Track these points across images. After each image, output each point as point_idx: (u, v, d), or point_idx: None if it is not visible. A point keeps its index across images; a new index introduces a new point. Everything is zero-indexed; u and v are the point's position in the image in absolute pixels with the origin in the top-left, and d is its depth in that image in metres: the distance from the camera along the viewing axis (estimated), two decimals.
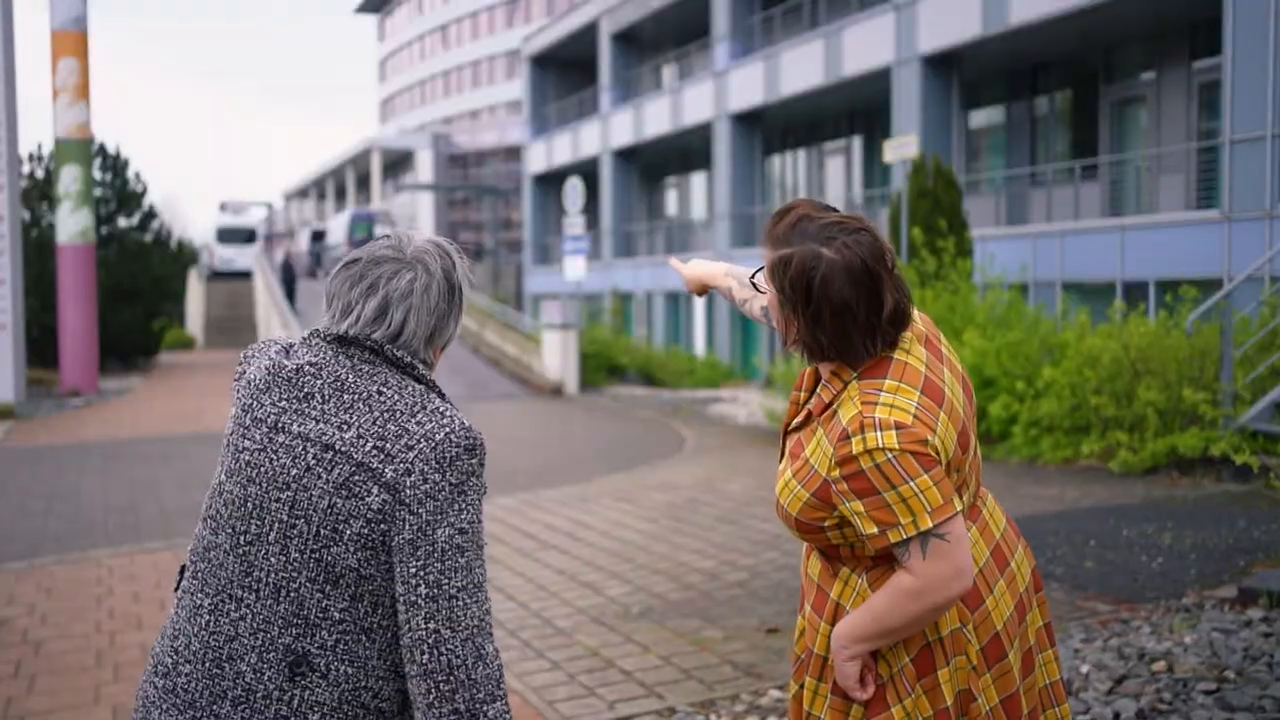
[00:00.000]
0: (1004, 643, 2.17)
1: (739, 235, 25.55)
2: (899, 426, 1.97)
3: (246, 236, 43.25)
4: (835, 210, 2.14)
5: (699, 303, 26.84)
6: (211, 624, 1.76)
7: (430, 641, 1.66)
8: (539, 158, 36.11)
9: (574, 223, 20.14)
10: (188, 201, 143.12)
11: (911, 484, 1.96)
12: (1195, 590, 5.34)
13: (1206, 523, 6.67)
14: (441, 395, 1.81)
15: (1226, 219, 13.79)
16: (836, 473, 2.02)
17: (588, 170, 33.03)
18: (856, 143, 24.91)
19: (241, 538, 1.75)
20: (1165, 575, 5.62)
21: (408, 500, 1.67)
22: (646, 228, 31.89)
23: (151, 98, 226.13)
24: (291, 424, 1.75)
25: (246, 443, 1.78)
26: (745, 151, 25.94)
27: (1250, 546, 6.08)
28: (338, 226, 48.11)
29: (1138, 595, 5.37)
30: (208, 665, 1.75)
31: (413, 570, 1.67)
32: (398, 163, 64.57)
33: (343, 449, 1.70)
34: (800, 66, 22.64)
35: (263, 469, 1.75)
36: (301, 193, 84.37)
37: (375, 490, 1.68)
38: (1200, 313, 8.90)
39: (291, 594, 1.72)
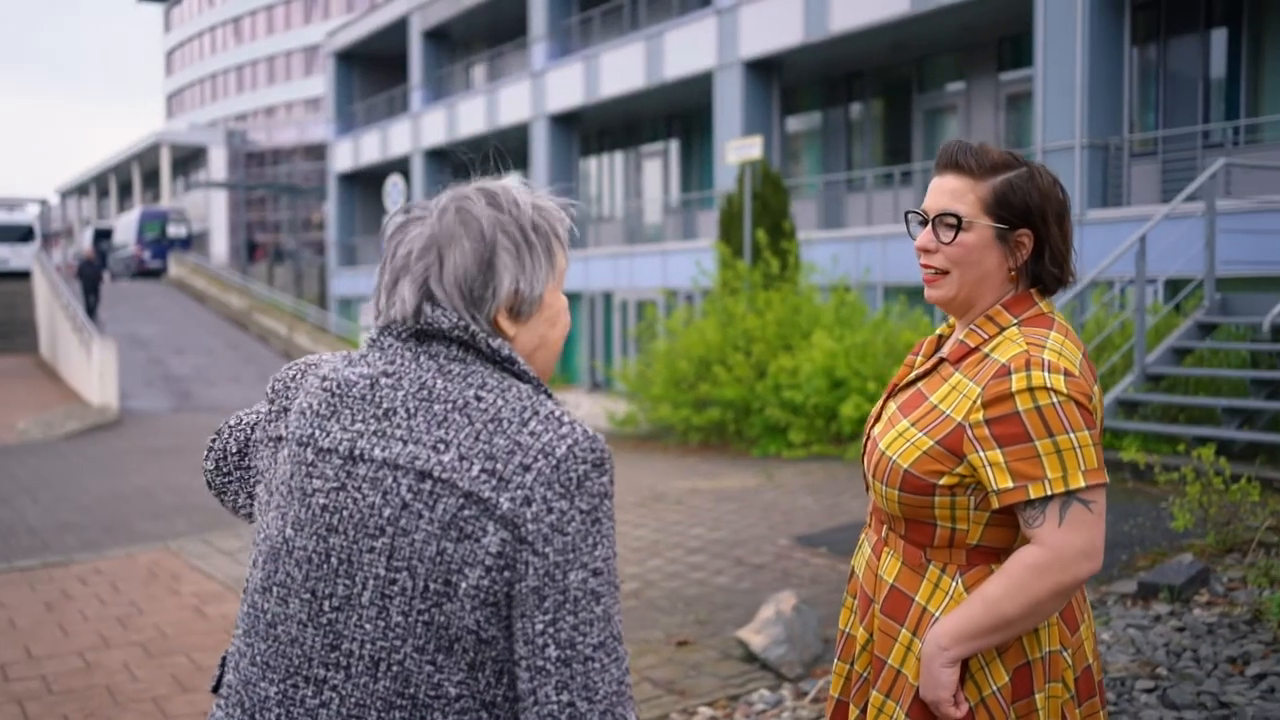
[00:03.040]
0: (1094, 676, 1.99)
1: None
2: (1068, 374, 1.79)
3: (22, 234, 40.27)
4: None
5: None
6: (282, 718, 1.37)
7: (565, 718, 1.31)
8: (345, 156, 35.02)
9: None
10: None
11: (1071, 436, 1.76)
12: (1091, 586, 5.41)
13: None
14: (550, 395, 1.42)
15: None
16: (979, 415, 1.80)
17: (398, 170, 32.20)
18: (674, 146, 25.04)
19: (326, 603, 1.36)
20: None
21: (530, 537, 1.30)
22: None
23: None
24: (373, 449, 1.36)
25: (317, 483, 1.38)
26: (563, 152, 25.74)
27: (1125, 540, 6.22)
28: (126, 225, 45.54)
29: None
30: None
31: (539, 627, 1.31)
32: (189, 159, 61.65)
33: (443, 476, 1.32)
34: (620, 68, 22.60)
35: (346, 513, 1.36)
36: (81, 189, 79.51)
37: (491, 528, 1.31)
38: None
39: (394, 668, 1.33)
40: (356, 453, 1.36)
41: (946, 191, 1.93)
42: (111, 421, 18.12)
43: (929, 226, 1.95)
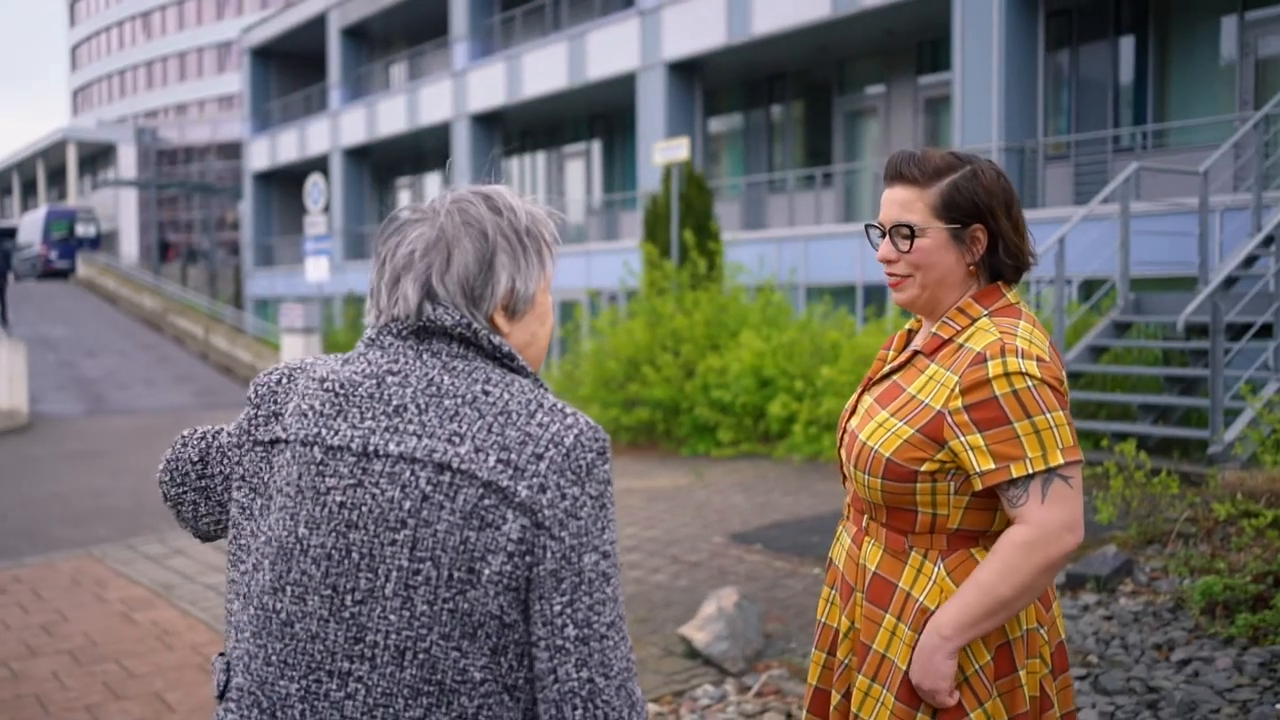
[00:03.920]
0: (1066, 653, 2.08)
1: None
2: (1039, 359, 1.88)
3: None
4: None
5: None
6: (306, 714, 1.39)
7: (584, 694, 1.36)
8: (261, 155, 34.45)
9: (315, 222, 19.25)
10: None
11: (1048, 416, 1.85)
12: None
13: None
14: (547, 389, 1.48)
15: None
16: (958, 402, 1.88)
17: (317, 169, 31.76)
18: (596, 146, 25.07)
19: (348, 598, 1.39)
20: None
21: (547, 523, 1.36)
22: (379, 229, 30.92)
23: None
24: (387, 445, 1.39)
25: (331, 480, 1.41)
26: (484, 152, 25.60)
27: None
28: (31, 224, 44.35)
29: None
30: None
31: (557, 608, 1.36)
32: (96, 156, 60.12)
33: (461, 467, 1.37)
34: (542, 69, 22.56)
35: (365, 508, 1.39)
36: None
37: (511, 515, 1.36)
38: None
39: (420, 655, 1.37)
40: (370, 449, 1.40)
41: (896, 203, 2.02)
42: (21, 426, 17.64)
43: (887, 238, 2.04)
